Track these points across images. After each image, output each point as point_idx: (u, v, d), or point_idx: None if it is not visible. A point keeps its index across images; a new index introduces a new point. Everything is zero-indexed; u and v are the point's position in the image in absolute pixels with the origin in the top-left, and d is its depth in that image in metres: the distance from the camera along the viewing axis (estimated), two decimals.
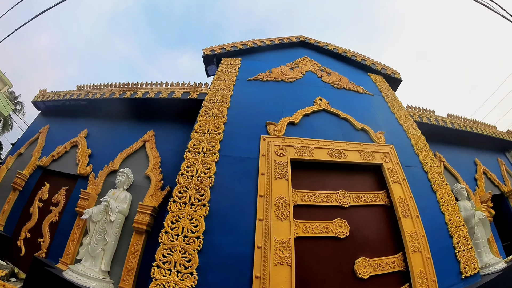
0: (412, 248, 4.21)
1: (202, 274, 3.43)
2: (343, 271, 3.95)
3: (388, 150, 4.97)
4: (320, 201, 4.25)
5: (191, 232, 3.62)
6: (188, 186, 3.96)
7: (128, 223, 4.50)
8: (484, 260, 5.48)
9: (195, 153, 4.29)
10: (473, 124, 7.89)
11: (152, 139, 5.35)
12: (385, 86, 6.63)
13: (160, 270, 3.44)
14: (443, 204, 4.93)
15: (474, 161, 7.45)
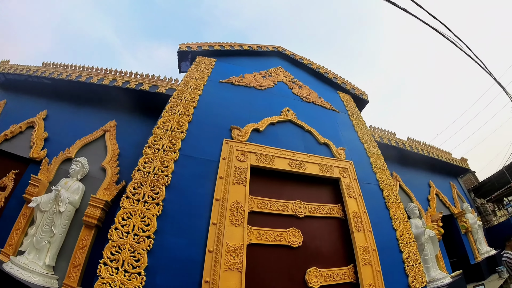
0: (363, 261, 4.36)
1: (150, 275, 3.29)
2: (294, 280, 3.97)
3: (347, 165, 5.20)
4: (276, 210, 4.29)
5: (142, 230, 3.48)
6: (143, 182, 3.82)
7: (78, 216, 4.22)
8: (432, 274, 5.84)
9: (155, 150, 4.17)
10: (430, 149, 8.57)
11: (113, 130, 5.15)
12: (352, 105, 7.02)
13: (107, 268, 3.24)
14: (395, 220, 5.20)
15: (428, 183, 8.02)
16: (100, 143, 5.04)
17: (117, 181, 4.54)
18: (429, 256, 6.10)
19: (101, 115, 5.53)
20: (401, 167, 7.19)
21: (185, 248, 3.52)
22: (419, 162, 7.88)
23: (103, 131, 5.14)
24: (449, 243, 8.15)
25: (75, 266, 3.91)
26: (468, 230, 8.56)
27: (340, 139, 5.71)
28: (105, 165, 4.67)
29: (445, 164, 9.23)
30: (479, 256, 8.29)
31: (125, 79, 5.74)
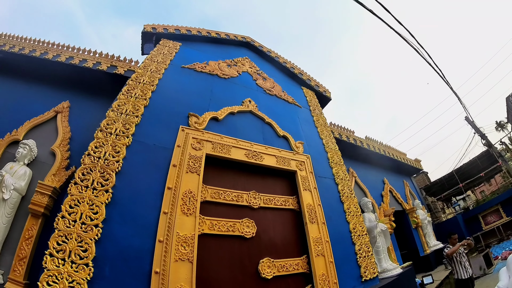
0: (316, 252, 4.58)
1: (99, 266, 3.12)
2: (247, 271, 4.04)
3: (304, 159, 5.42)
4: (230, 200, 4.31)
5: (90, 219, 3.29)
6: (93, 168, 3.61)
7: (24, 204, 3.89)
8: (384, 265, 6.33)
9: (107, 134, 3.96)
10: (387, 148, 9.32)
11: (66, 111, 4.81)
12: (315, 102, 7.34)
13: (53, 260, 3.01)
14: (349, 214, 5.55)
15: (383, 180, 8.72)
16: (51, 125, 4.71)
17: (67, 166, 4.28)
18: (381, 248, 6.62)
19: (54, 95, 5.14)
20: (357, 164, 7.69)
21: (134, 238, 3.41)
22: (375, 160, 8.51)
23: (55, 112, 4.79)
24: (401, 237, 8.92)
25: (20, 259, 3.60)
26: (419, 225, 9.47)
27: (299, 133, 5.93)
28: (55, 149, 4.37)
29: (400, 164, 10.10)
30: (428, 249, 9.22)
31: (83, 57, 5.38)
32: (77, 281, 3.01)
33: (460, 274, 4.73)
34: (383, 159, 8.73)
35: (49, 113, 4.80)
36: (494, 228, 10.96)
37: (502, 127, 23.60)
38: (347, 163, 6.40)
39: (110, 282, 3.14)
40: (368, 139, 8.32)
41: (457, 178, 15.44)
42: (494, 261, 7.58)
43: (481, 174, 14.90)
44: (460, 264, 4.71)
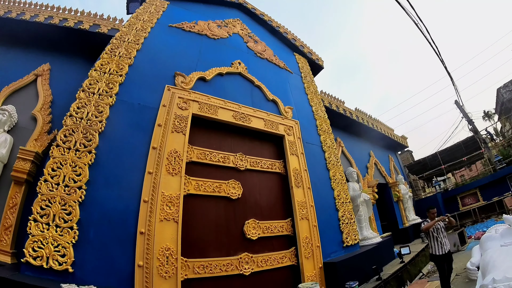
0: (301, 216, 4.78)
1: (83, 229, 3.17)
2: (232, 231, 4.19)
3: (293, 124, 5.47)
4: (217, 161, 4.35)
5: (73, 181, 3.28)
6: (75, 129, 3.54)
7: (7, 173, 3.84)
8: (364, 233, 6.73)
9: (90, 94, 3.84)
10: (375, 122, 9.52)
11: (46, 74, 4.63)
12: (306, 68, 7.27)
13: (37, 225, 3.04)
14: (334, 181, 5.75)
15: (369, 152, 9.02)
16: (31, 89, 4.55)
17: (49, 130, 4.19)
18: (363, 217, 6.99)
19: (33, 58, 4.91)
20: (345, 134, 7.87)
21: (119, 199, 3.43)
22: (363, 132, 8.72)
23: (35, 76, 4.61)
24: (382, 209, 9.45)
25: (6, 228, 3.61)
26: (400, 199, 10.02)
27: (289, 99, 5.92)
28: (36, 113, 4.25)
29: (387, 138, 10.42)
30: (407, 222, 9.85)
31: (63, 16, 5.02)
32: (62, 245, 3.06)
33: (434, 249, 4.54)
34: (371, 132, 8.95)
35: (29, 76, 4.62)
36: (470, 210, 11.80)
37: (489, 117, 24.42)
38: (335, 133, 6.53)
39: (95, 245, 3.20)
40: (358, 111, 8.45)
41: (440, 160, 16.20)
42: (468, 240, 8.20)
43: (464, 158, 15.67)
44: (436, 240, 4.50)
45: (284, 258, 4.54)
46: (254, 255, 4.21)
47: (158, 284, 3.27)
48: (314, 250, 4.78)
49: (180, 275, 3.44)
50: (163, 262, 3.36)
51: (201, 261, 3.76)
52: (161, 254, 3.37)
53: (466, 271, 5.25)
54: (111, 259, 3.22)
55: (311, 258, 4.70)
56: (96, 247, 3.20)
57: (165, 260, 3.38)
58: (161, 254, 3.37)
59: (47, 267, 2.96)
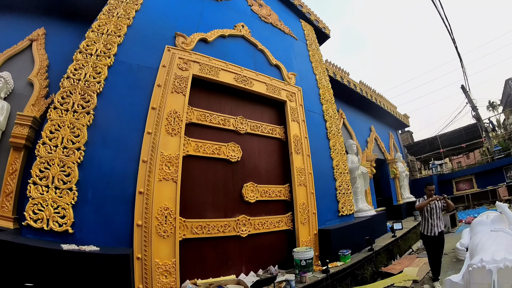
0: (299, 182, 4.82)
1: (82, 190, 3.19)
2: (230, 193, 4.24)
3: (296, 91, 5.35)
4: (217, 123, 4.30)
5: (72, 143, 3.26)
6: (73, 90, 3.46)
7: (5, 140, 3.84)
8: (360, 206, 6.87)
9: (87, 55, 3.72)
10: (379, 97, 9.36)
11: (41, 39, 4.49)
12: (312, 36, 6.99)
13: (37, 188, 3.07)
14: (333, 151, 5.75)
15: (370, 127, 8.98)
16: (27, 55, 4.43)
17: (47, 95, 4.14)
18: (359, 190, 7.10)
19: (27, 23, 4.70)
20: (348, 106, 7.78)
21: (117, 159, 3.42)
22: (365, 106, 8.61)
23: (30, 41, 4.46)
24: (378, 184, 9.60)
25: (7, 195, 3.67)
26: (396, 176, 10.15)
27: (292, 65, 5.74)
28: (32, 78, 4.18)
29: (389, 115, 10.32)
30: (401, 200, 10.05)
31: None
32: (62, 207, 3.09)
33: (424, 229, 4.29)
34: (373, 107, 8.85)
35: (23, 42, 4.47)
36: (464, 195, 12.02)
37: (493, 107, 24.03)
38: (338, 104, 6.43)
39: (94, 205, 3.24)
40: (362, 84, 8.27)
41: (440, 143, 16.23)
42: (458, 223, 8.38)
43: (463, 145, 15.68)
44: (427, 221, 4.22)
45: (280, 222, 4.65)
46: (251, 218, 4.29)
47: (157, 243, 3.35)
48: (310, 216, 4.88)
49: (178, 235, 3.52)
50: (161, 221, 3.42)
51: (199, 221, 3.83)
52: (160, 213, 3.43)
53: (455, 251, 5.40)
54: (110, 219, 3.28)
55: (306, 224, 4.81)
56: (95, 208, 3.24)
57: (164, 219, 3.44)
58: (159, 213, 3.42)
59: (47, 229, 3.03)
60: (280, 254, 4.57)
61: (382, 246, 5.54)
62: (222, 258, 4.02)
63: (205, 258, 3.89)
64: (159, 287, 3.24)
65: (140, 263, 3.26)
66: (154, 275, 3.29)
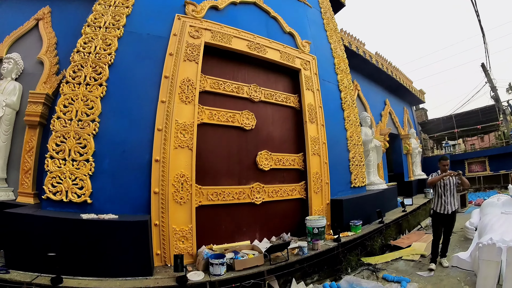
0: (313, 151, 4.79)
1: (99, 161, 3.26)
2: (245, 161, 4.26)
3: (310, 59, 5.18)
4: (230, 91, 4.24)
5: (86, 115, 3.30)
6: (84, 64, 3.46)
7: (21, 119, 3.95)
8: (372, 179, 6.83)
9: (96, 28, 3.67)
10: (395, 70, 8.99)
11: (47, 17, 4.44)
12: (327, 4, 6.64)
13: (54, 161, 3.15)
14: (348, 122, 5.64)
15: (384, 100, 8.72)
16: (34, 35, 4.42)
17: (57, 72, 4.16)
18: (372, 163, 7.03)
19: (31, 3, 4.63)
20: (362, 78, 7.53)
21: (133, 128, 3.44)
22: (381, 79, 8.32)
23: (36, 20, 4.43)
24: (390, 159, 9.47)
25: (26, 172, 3.80)
26: (409, 152, 9.96)
27: (306, 33, 5.51)
28: (42, 56, 4.19)
29: (404, 90, 9.96)
30: (413, 177, 9.92)
31: None
32: (79, 178, 3.18)
33: (435, 206, 4.04)
34: (389, 80, 8.53)
35: (29, 22, 4.45)
36: (475, 177, 11.71)
37: None
38: (353, 75, 6.21)
39: (112, 175, 3.31)
40: (378, 55, 7.93)
41: (454, 123, 15.72)
42: (468, 204, 8.27)
43: (478, 126, 15.12)
44: (440, 197, 3.96)
45: (294, 191, 4.68)
46: (265, 186, 4.33)
47: (174, 209, 3.45)
48: (323, 186, 4.89)
49: (194, 201, 3.59)
50: (178, 188, 3.48)
51: (214, 188, 3.89)
52: (176, 180, 3.48)
53: (464, 230, 5.39)
54: (127, 187, 3.36)
55: (319, 193, 4.83)
56: (113, 177, 3.32)
57: (180, 186, 3.50)
58: (176, 180, 3.48)
59: (66, 200, 3.14)
60: (292, 222, 4.65)
61: (392, 219, 5.57)
62: (236, 224, 4.12)
63: (220, 225, 4.00)
64: (176, 252, 3.35)
65: (157, 229, 3.38)
66: (171, 240, 3.42)
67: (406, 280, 3.62)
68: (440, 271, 3.86)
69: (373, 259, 4.47)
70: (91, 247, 2.89)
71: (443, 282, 3.58)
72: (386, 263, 4.37)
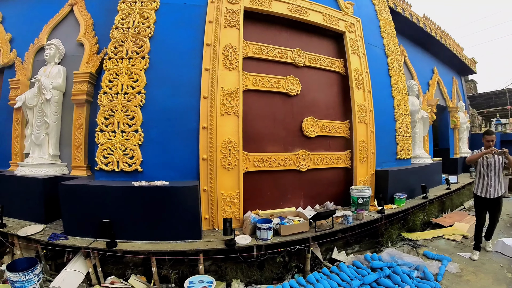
0: (359, 119, 4.60)
1: (148, 130, 3.40)
2: (290, 127, 4.21)
3: (354, 21, 4.86)
4: (274, 56, 4.14)
5: (132, 88, 3.43)
6: (124, 39, 3.56)
7: (68, 100, 4.22)
8: (417, 152, 6.45)
9: (131, 3, 3.72)
10: (444, 35, 8.15)
11: (80, 1, 4.57)
12: None
13: (104, 134, 3.35)
14: (395, 89, 5.29)
15: (432, 68, 8.02)
16: (71, 19, 4.59)
17: (98, 51, 4.29)
18: (418, 135, 6.60)
19: None
20: (409, 43, 6.95)
21: (178, 98, 3.52)
22: (428, 44, 7.62)
23: (70, 6, 4.58)
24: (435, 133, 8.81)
25: (77, 147, 4.10)
26: (456, 127, 9.18)
27: None
28: (81, 38, 4.35)
29: (454, 57, 9.05)
30: (458, 154, 9.17)
31: None
32: (129, 148, 3.34)
33: (478, 188, 3.64)
34: (437, 46, 7.78)
35: (64, 9, 4.60)
36: None
37: None
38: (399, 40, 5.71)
39: (160, 143, 3.44)
40: (426, 18, 7.22)
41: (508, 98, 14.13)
42: None
43: None
44: (483, 179, 3.56)
45: (339, 159, 4.56)
46: (311, 153, 4.26)
47: (221, 175, 3.53)
48: (368, 155, 4.71)
49: (241, 167, 3.64)
50: (225, 154, 3.54)
51: (260, 155, 3.90)
52: (224, 147, 3.54)
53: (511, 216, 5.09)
54: (176, 155, 3.48)
55: (365, 163, 4.67)
56: (161, 146, 3.45)
57: (228, 152, 3.56)
58: (223, 147, 3.54)
59: (118, 170, 3.34)
60: (336, 191, 4.59)
61: (436, 196, 5.31)
62: (281, 191, 4.14)
63: (265, 191, 4.04)
64: (223, 216, 3.48)
65: (206, 195, 3.51)
66: (219, 205, 3.54)
67: (448, 259, 3.49)
68: (483, 255, 3.66)
69: (414, 235, 4.36)
70: (143, 212, 3.08)
71: (485, 266, 3.40)
72: (427, 240, 4.26)
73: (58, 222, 3.65)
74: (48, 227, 3.48)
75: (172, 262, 2.99)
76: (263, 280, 3.22)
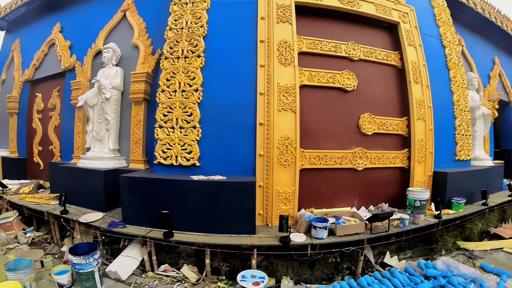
0: (418, 115, 4.42)
1: (206, 126, 3.59)
2: (347, 124, 4.17)
3: (408, 10, 4.69)
4: (328, 50, 4.12)
5: (189, 85, 3.62)
6: (178, 39, 3.78)
7: (126, 98, 4.60)
8: (476, 153, 5.99)
9: (182, 5, 3.94)
10: (506, 20, 7.50)
11: (132, 7, 4.96)
12: None
13: (163, 130, 3.59)
14: (454, 83, 5.02)
15: (493, 59, 7.44)
16: (124, 24, 5.02)
17: (152, 52, 4.60)
18: (478, 134, 6.13)
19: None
20: (465, 31, 6.51)
21: (235, 95, 3.66)
22: (487, 32, 7.07)
23: (123, 12, 5.01)
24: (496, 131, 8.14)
25: (136, 142, 4.47)
26: None
27: None
28: (136, 41, 4.71)
29: None
30: None
31: None
32: (188, 143, 3.53)
33: None
34: (498, 33, 7.18)
35: (117, 15, 5.01)
36: None
37: None
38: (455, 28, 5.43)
39: (218, 139, 3.59)
40: (484, 2, 6.73)
41: None
42: None
43: None
44: None
45: (396, 158, 4.42)
46: (367, 151, 4.17)
47: (278, 172, 3.60)
48: (427, 155, 4.51)
49: (298, 164, 3.68)
50: (282, 151, 3.61)
51: (317, 152, 3.91)
52: (281, 143, 3.61)
53: None
54: (233, 150, 3.61)
55: (423, 163, 4.47)
56: (219, 141, 3.60)
57: (285, 149, 3.62)
58: (280, 143, 3.61)
59: (176, 164, 3.53)
60: (391, 192, 4.45)
61: (497, 203, 4.84)
62: (336, 190, 4.11)
63: (320, 189, 4.03)
64: (278, 213, 3.53)
65: (261, 190, 3.59)
66: (274, 202, 3.60)
67: (507, 274, 3.23)
68: None
69: (470, 245, 4.09)
70: (199, 205, 3.22)
71: None
72: (485, 251, 3.97)
73: (116, 211, 3.96)
74: (106, 215, 3.79)
75: (224, 255, 3.11)
76: (313, 279, 3.24)
